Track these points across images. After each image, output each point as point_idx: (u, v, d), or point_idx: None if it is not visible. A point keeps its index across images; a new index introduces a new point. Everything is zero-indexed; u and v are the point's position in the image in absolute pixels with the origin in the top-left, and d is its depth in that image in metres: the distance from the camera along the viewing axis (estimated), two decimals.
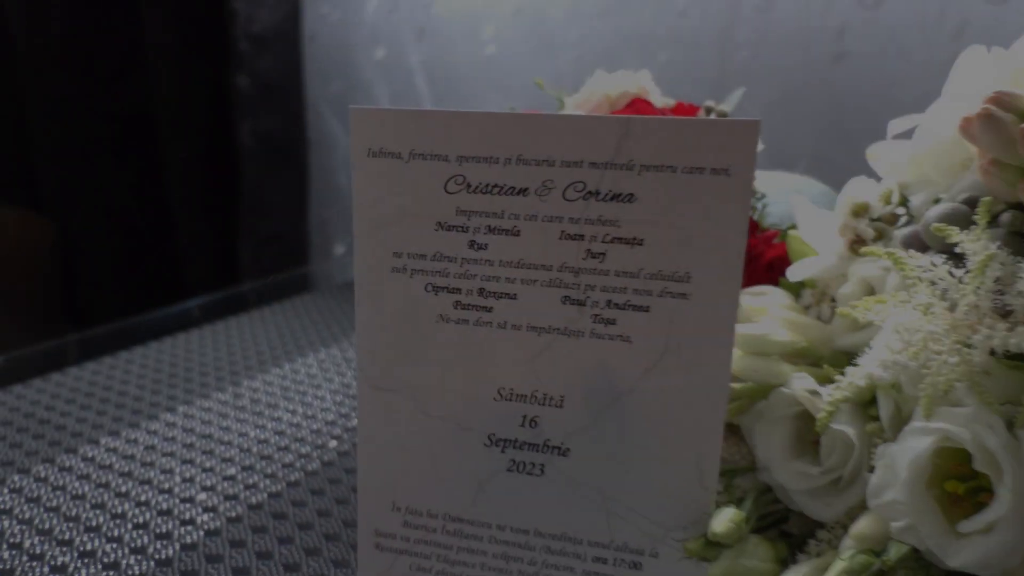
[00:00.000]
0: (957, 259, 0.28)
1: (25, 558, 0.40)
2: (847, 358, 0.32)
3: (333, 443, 0.54)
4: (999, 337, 0.25)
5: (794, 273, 0.38)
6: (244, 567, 0.40)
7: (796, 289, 0.40)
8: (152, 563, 0.40)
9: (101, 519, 0.44)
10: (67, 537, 0.42)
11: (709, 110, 0.48)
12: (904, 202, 0.37)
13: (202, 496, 0.47)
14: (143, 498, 0.46)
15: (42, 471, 0.49)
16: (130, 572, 0.40)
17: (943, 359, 0.26)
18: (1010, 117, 0.27)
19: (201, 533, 0.43)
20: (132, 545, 0.42)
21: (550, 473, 0.31)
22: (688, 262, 0.27)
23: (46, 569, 0.40)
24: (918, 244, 0.33)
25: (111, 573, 0.39)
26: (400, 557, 0.33)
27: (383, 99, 1.18)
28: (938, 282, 0.28)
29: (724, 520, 0.28)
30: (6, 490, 0.47)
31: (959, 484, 0.27)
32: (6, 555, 0.41)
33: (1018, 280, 0.26)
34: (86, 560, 0.40)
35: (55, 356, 0.70)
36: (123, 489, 0.47)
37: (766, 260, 0.43)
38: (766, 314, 0.37)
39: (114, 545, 0.42)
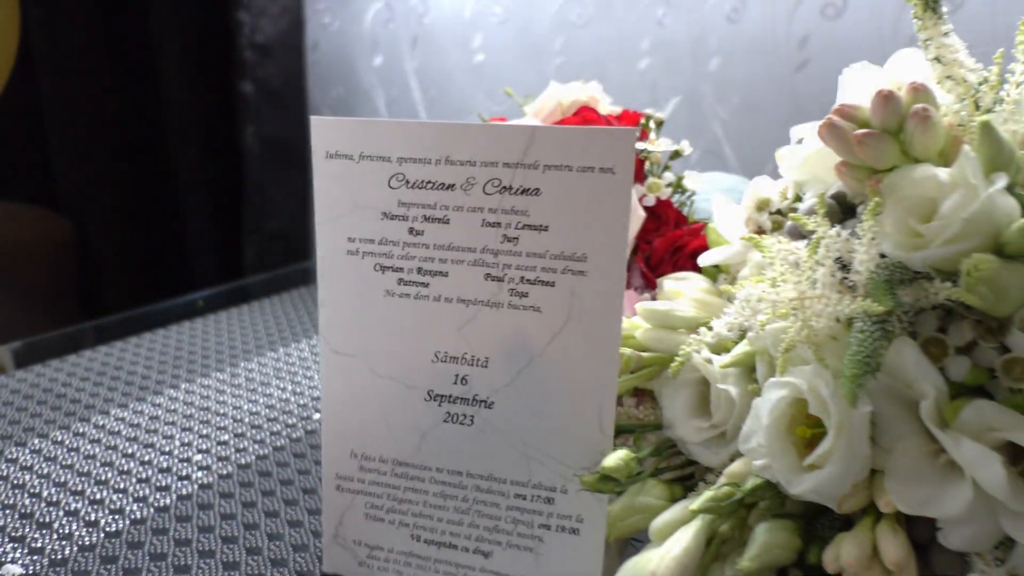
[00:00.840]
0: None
1: (43, 504, 0.47)
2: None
3: (317, 415, 0.60)
4: (833, 307, 0.31)
5: (703, 260, 0.43)
6: (231, 513, 0.46)
7: (714, 275, 0.46)
8: (152, 510, 0.47)
9: (109, 475, 0.50)
10: (79, 488, 0.49)
11: (648, 118, 0.53)
12: (799, 198, 0.42)
13: (198, 457, 0.53)
14: (146, 458, 0.53)
15: (59, 436, 0.55)
16: (133, 517, 0.46)
17: (788, 324, 0.31)
18: (849, 125, 0.33)
19: (195, 487, 0.49)
20: (136, 495, 0.48)
21: (479, 423, 0.37)
22: (584, 244, 0.33)
23: (60, 513, 0.46)
24: (796, 233, 0.38)
25: (117, 517, 0.46)
26: (357, 497, 0.39)
27: (381, 104, 1.25)
28: (801, 263, 0.33)
29: (614, 458, 0.34)
30: (27, 451, 0.53)
31: (807, 430, 0.33)
32: (27, 502, 0.47)
33: (854, 260, 0.32)
34: (95, 507, 0.47)
35: (72, 340, 0.77)
36: (129, 451, 0.54)
37: (690, 249, 0.48)
38: (682, 295, 0.43)
39: (120, 495, 0.48)
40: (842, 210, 0.36)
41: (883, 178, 0.33)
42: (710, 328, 0.36)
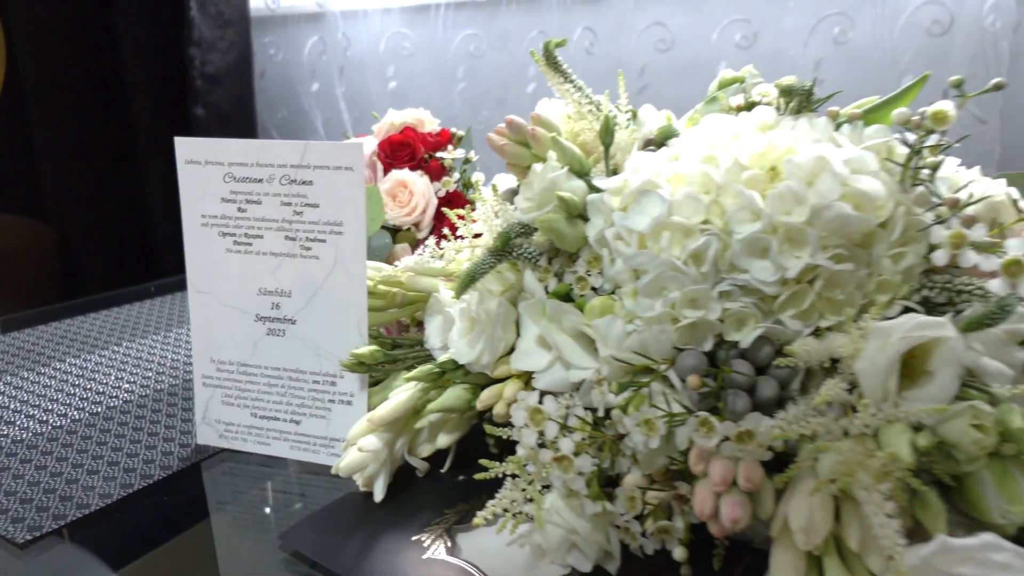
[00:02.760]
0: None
1: (10, 412, 0.66)
2: None
3: None
4: (482, 247, 0.50)
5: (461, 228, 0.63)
6: (144, 415, 0.66)
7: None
8: (87, 414, 0.66)
9: (59, 396, 0.70)
10: (37, 402, 0.68)
11: (453, 134, 0.73)
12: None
13: (126, 386, 0.72)
14: (87, 386, 0.72)
15: (26, 374, 0.75)
16: (73, 417, 0.65)
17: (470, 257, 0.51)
18: (501, 139, 0.52)
19: (121, 401, 0.69)
20: (76, 406, 0.67)
21: (288, 334, 0.56)
22: (341, 215, 0.53)
23: (23, 417, 0.65)
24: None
25: (62, 418, 0.65)
26: (216, 390, 0.59)
27: (319, 124, 1.45)
28: (491, 223, 0.53)
29: (364, 351, 0.53)
30: (1, 384, 0.73)
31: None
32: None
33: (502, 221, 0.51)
34: (46, 413, 0.66)
35: (45, 315, 0.97)
36: (76, 382, 0.73)
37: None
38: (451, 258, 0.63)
39: (64, 407, 0.67)
40: (516, 192, 0.55)
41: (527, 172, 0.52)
42: (450, 275, 0.55)
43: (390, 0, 1.29)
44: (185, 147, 0.55)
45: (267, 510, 0.52)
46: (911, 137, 0.43)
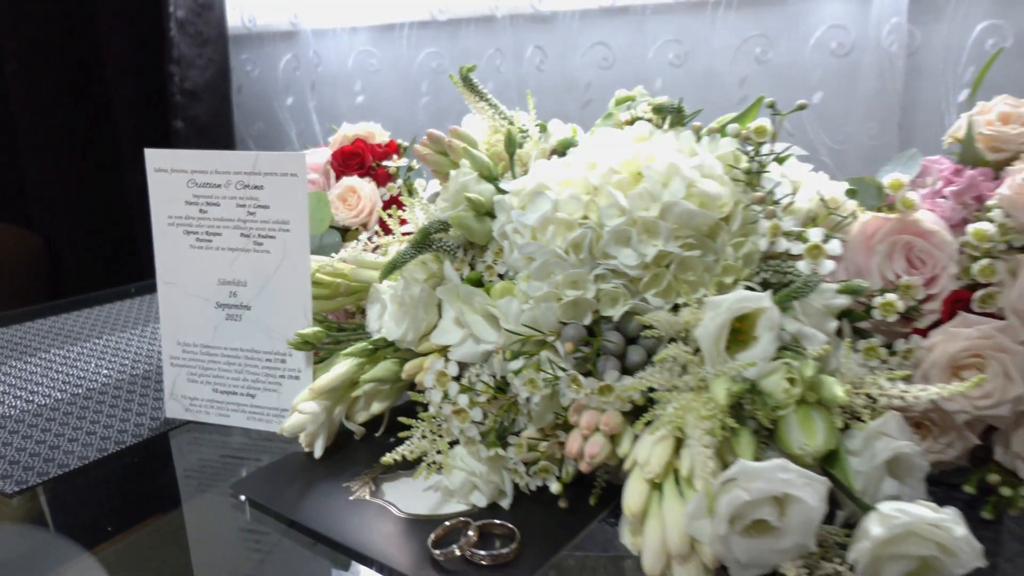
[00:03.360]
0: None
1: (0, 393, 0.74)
2: None
3: None
4: (406, 242, 0.59)
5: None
6: (120, 395, 0.74)
7: None
8: (68, 395, 0.74)
9: (42, 379, 0.78)
10: (24, 385, 0.76)
11: (399, 145, 0.82)
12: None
13: (104, 371, 0.80)
14: (67, 371, 0.80)
15: (13, 363, 0.83)
16: (56, 397, 0.73)
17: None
18: (425, 149, 0.61)
19: (101, 383, 0.77)
20: (59, 388, 0.75)
21: (244, 319, 0.65)
22: (287, 215, 0.61)
23: (10, 396, 0.73)
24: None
25: (47, 398, 0.73)
26: (182, 369, 0.67)
27: (293, 135, 1.53)
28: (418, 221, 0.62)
29: (308, 332, 0.62)
30: None
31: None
32: None
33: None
34: (32, 393, 0.74)
35: (30, 313, 1.05)
36: (59, 368, 0.81)
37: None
38: (387, 252, 0.71)
39: (49, 388, 0.75)
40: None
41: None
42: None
43: (358, 20, 1.38)
44: (154, 157, 0.64)
45: (224, 468, 0.61)
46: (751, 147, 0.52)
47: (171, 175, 0.64)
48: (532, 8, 1.24)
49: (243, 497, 0.55)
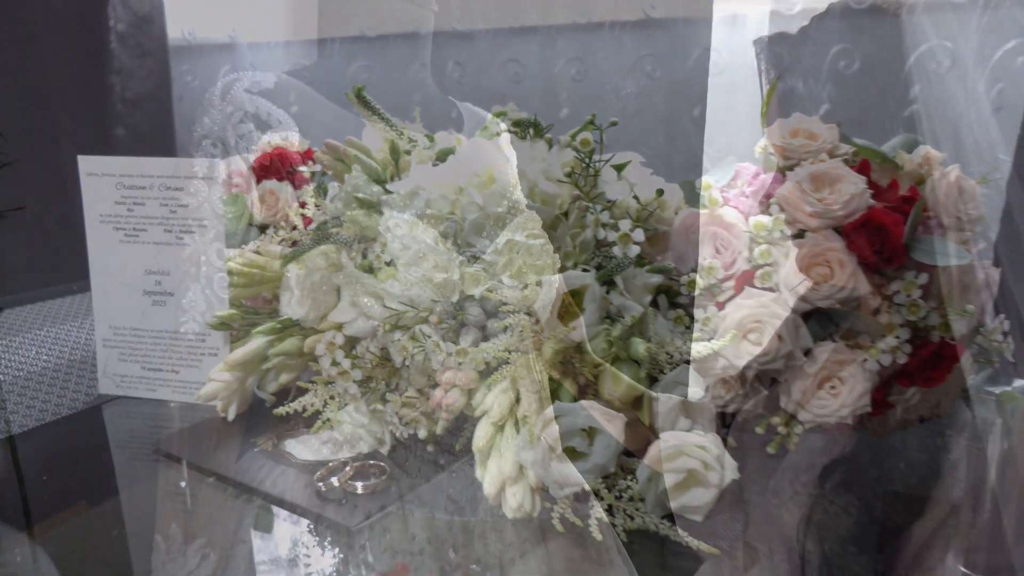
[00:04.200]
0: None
1: None
2: None
3: None
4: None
5: None
6: (67, 384, 0.82)
7: None
8: (4, 377, 0.82)
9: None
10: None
11: (314, 151, 0.92)
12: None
13: (44, 357, 0.88)
14: (10, 358, 0.88)
15: None
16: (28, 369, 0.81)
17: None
18: (325, 156, 0.71)
19: (37, 367, 0.85)
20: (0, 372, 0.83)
21: (169, 305, 0.74)
22: (203, 214, 0.71)
23: None
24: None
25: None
26: (113, 350, 0.76)
27: (232, 142, 1.61)
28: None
29: (222, 314, 0.71)
30: None
31: None
32: None
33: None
34: None
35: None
36: (2, 355, 0.89)
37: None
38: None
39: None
40: None
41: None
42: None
43: (291, 34, 1.48)
44: (86, 163, 0.73)
45: (150, 434, 0.70)
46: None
47: (102, 178, 0.73)
48: (451, 27, 1.35)
49: (164, 454, 0.64)
